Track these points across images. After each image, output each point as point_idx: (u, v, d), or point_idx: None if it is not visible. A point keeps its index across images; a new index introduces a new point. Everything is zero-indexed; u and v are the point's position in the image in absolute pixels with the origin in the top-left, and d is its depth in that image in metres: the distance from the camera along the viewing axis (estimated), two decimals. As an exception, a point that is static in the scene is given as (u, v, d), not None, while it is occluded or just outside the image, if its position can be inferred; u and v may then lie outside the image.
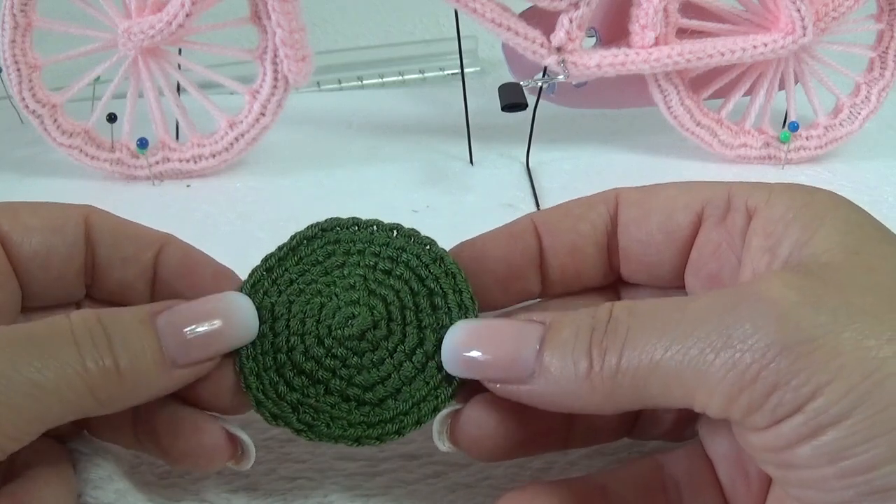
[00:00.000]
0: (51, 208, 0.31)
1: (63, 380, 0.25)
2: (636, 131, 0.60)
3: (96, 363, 0.26)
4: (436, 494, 0.33)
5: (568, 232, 0.31)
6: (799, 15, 0.51)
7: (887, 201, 0.53)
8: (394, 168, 0.56)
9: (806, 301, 0.24)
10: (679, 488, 0.30)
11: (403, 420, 0.29)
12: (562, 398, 0.27)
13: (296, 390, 0.29)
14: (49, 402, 0.25)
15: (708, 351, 0.24)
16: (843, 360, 0.23)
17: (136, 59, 0.52)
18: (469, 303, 0.30)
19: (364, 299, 0.30)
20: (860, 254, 0.25)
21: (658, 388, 0.25)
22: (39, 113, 0.51)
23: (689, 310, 0.25)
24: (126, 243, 0.31)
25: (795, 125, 0.55)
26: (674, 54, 0.52)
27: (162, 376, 0.27)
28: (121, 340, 0.27)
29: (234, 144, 0.54)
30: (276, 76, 0.52)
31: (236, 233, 0.49)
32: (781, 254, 0.27)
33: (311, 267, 0.31)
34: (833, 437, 0.23)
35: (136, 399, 0.28)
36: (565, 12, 0.50)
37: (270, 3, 0.49)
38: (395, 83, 0.71)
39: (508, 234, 0.32)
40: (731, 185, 0.30)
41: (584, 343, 0.26)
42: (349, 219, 0.32)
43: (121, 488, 0.31)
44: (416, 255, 0.31)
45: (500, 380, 0.28)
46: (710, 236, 0.30)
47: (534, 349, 0.27)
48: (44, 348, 0.26)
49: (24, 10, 0.49)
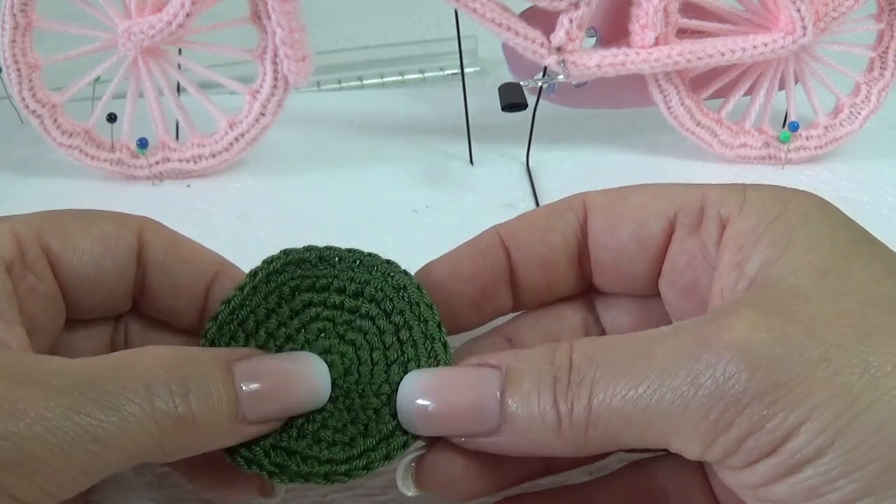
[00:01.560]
0: (104, 224, 0.30)
1: (126, 434, 0.23)
2: (636, 131, 0.60)
3: (169, 412, 0.24)
4: (436, 494, 0.33)
5: (537, 245, 0.30)
6: (799, 15, 0.51)
7: (887, 201, 0.53)
8: (394, 168, 0.56)
9: (775, 342, 0.23)
10: (668, 496, 0.30)
11: (371, 455, 0.28)
12: (532, 449, 0.26)
13: (269, 436, 0.28)
14: (108, 457, 0.23)
15: (678, 402, 0.23)
16: (815, 398, 0.23)
17: (136, 59, 0.52)
18: (435, 331, 0.29)
19: (335, 347, 0.30)
20: (829, 275, 0.25)
21: (632, 434, 0.24)
22: (39, 113, 0.51)
23: (655, 357, 0.24)
24: (179, 269, 0.30)
25: (795, 125, 0.55)
26: (674, 54, 0.52)
27: (233, 431, 0.26)
28: (198, 388, 0.25)
29: (234, 144, 0.54)
30: (276, 76, 0.52)
31: (236, 233, 0.49)
32: (749, 271, 0.26)
33: (277, 308, 0.30)
34: (809, 474, 0.23)
35: (200, 451, 0.26)
36: (565, 12, 0.50)
37: (270, 3, 0.49)
38: (395, 83, 0.71)
39: (475, 252, 0.31)
40: (704, 189, 0.29)
41: (548, 395, 0.25)
42: (311, 252, 0.31)
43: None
44: (379, 288, 0.30)
45: (463, 434, 0.26)
46: (684, 245, 0.29)
47: (495, 399, 0.26)
48: (109, 397, 0.23)
49: (24, 10, 0.49)
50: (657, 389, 0.24)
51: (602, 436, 0.25)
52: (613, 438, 0.25)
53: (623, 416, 0.24)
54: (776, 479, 0.23)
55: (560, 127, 0.60)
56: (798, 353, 0.23)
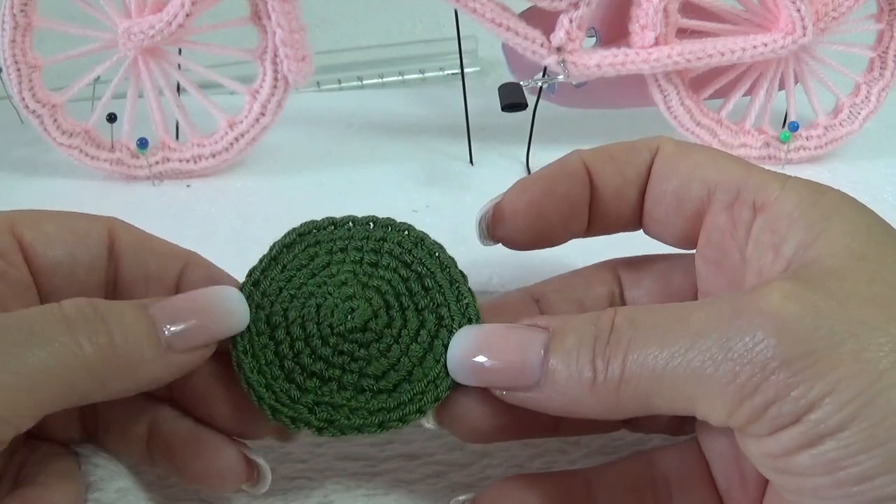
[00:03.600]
0: (74, 219, 0.31)
1: (55, 358, 0.25)
2: (636, 131, 0.60)
3: (90, 340, 0.26)
4: (436, 494, 0.33)
5: (614, 175, 0.31)
6: (799, 15, 0.51)
7: (887, 201, 0.53)
8: (394, 168, 0.56)
9: (806, 313, 0.24)
10: (669, 485, 0.30)
11: (422, 399, 0.29)
12: (567, 405, 0.27)
13: (309, 392, 0.29)
14: (43, 381, 0.25)
15: (709, 363, 0.24)
16: (841, 372, 0.23)
17: (136, 59, 0.52)
18: (459, 276, 0.31)
19: (359, 293, 0.30)
20: (865, 259, 0.25)
21: (661, 397, 0.25)
22: (39, 113, 0.51)
23: (691, 322, 0.25)
24: (150, 260, 0.31)
25: (795, 125, 0.55)
26: (674, 54, 0.52)
27: (159, 357, 0.27)
28: (114, 318, 0.27)
29: (234, 144, 0.54)
30: (276, 76, 0.52)
31: (236, 233, 0.49)
32: (785, 252, 0.27)
33: (297, 272, 0.31)
34: (831, 446, 0.23)
35: (135, 380, 0.27)
36: (565, 12, 0.50)
37: (270, 3, 0.49)
38: (395, 83, 0.71)
39: (567, 174, 0.32)
40: (751, 172, 0.29)
41: (588, 352, 0.26)
42: (324, 219, 0.32)
43: (121, 487, 0.31)
44: (397, 242, 0.32)
45: (506, 387, 0.28)
46: (717, 221, 0.30)
47: (539, 356, 0.27)
48: (34, 330, 0.25)
49: (24, 10, 0.49)
50: (688, 351, 0.24)
51: (633, 396, 0.25)
52: (644, 399, 0.25)
53: (654, 376, 0.25)
54: (798, 449, 0.23)
55: (560, 127, 0.60)
56: (827, 326, 0.23)
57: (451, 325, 0.30)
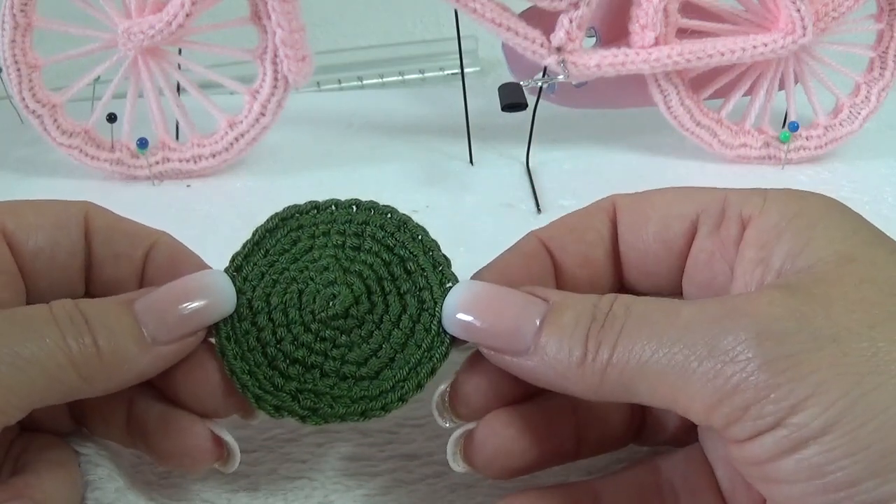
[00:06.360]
0: (52, 206, 0.32)
1: (45, 353, 0.26)
2: (636, 131, 0.60)
3: (76, 341, 0.27)
4: (436, 494, 0.33)
5: (575, 244, 0.31)
6: (799, 15, 0.51)
7: (887, 201, 0.53)
8: (394, 168, 0.56)
9: (789, 316, 0.24)
10: (676, 492, 0.30)
11: (404, 386, 0.29)
12: (551, 378, 0.27)
13: (292, 379, 0.29)
14: (33, 375, 0.26)
15: (692, 359, 0.24)
16: (822, 375, 0.23)
17: (136, 59, 0.52)
18: (442, 259, 0.31)
19: (340, 278, 0.30)
20: (854, 261, 0.26)
21: (643, 387, 0.25)
22: (39, 113, 0.51)
23: (681, 316, 0.25)
24: (119, 240, 0.32)
25: (795, 125, 0.55)
26: (674, 54, 0.52)
27: (143, 354, 0.28)
28: (98, 320, 0.27)
29: (234, 144, 0.54)
30: (276, 76, 0.52)
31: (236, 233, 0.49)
32: (774, 265, 0.27)
33: (279, 257, 0.31)
34: (815, 451, 0.23)
35: (121, 377, 0.28)
36: (565, 12, 0.50)
37: (270, 3, 0.49)
38: (395, 83, 0.71)
39: (524, 255, 0.31)
40: (727, 192, 0.30)
41: (582, 332, 0.26)
42: (307, 203, 0.32)
43: (121, 487, 0.31)
44: (380, 225, 0.32)
45: (495, 348, 0.28)
46: (704, 245, 0.30)
47: (534, 325, 0.27)
48: (25, 326, 0.26)
49: (24, 10, 0.49)
50: (674, 344, 0.25)
51: (617, 381, 0.26)
52: (628, 386, 0.26)
53: (640, 365, 0.25)
54: (782, 454, 0.23)
55: (560, 127, 0.60)
56: (809, 330, 0.24)
57: (433, 310, 0.30)
